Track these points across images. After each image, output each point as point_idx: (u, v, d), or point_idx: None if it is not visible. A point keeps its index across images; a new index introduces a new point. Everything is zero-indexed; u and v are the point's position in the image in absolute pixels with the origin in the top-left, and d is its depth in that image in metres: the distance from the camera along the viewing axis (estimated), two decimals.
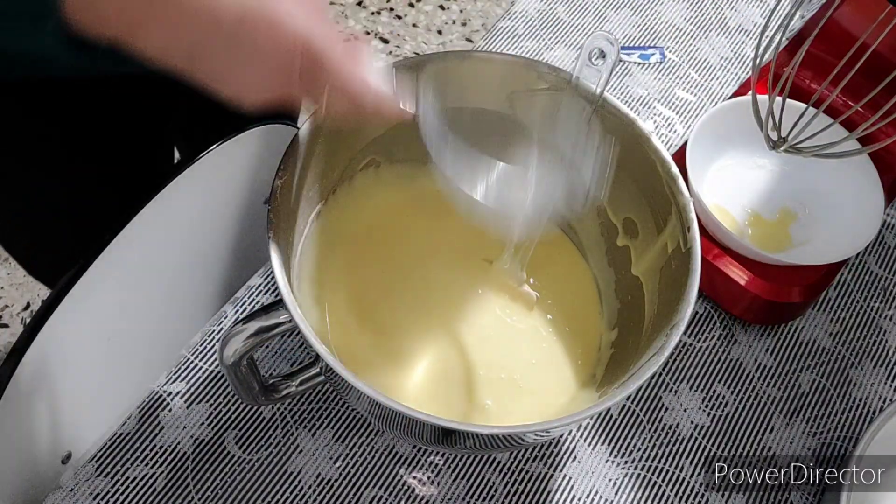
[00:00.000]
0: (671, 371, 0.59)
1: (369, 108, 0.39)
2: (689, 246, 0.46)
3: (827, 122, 0.54)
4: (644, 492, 0.54)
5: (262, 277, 0.60)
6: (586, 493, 0.54)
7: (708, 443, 0.57)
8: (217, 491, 0.51)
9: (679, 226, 0.47)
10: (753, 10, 0.81)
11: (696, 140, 0.61)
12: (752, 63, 0.70)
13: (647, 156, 0.49)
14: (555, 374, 0.53)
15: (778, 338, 0.62)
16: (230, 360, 0.43)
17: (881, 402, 0.60)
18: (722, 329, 0.62)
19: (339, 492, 0.52)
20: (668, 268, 0.48)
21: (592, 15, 0.79)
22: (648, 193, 0.50)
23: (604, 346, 0.54)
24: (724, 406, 0.58)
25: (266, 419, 0.54)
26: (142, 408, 0.54)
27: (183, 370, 0.56)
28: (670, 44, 0.78)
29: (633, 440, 0.56)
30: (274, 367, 0.57)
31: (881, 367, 0.61)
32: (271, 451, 0.53)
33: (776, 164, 0.66)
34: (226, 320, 0.58)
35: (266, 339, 0.42)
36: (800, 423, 0.58)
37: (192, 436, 0.53)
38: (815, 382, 0.60)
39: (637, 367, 0.43)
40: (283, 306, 0.41)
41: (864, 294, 0.65)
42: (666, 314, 0.45)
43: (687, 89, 0.75)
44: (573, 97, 0.49)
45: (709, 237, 0.60)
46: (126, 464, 0.52)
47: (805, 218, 0.64)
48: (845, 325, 0.63)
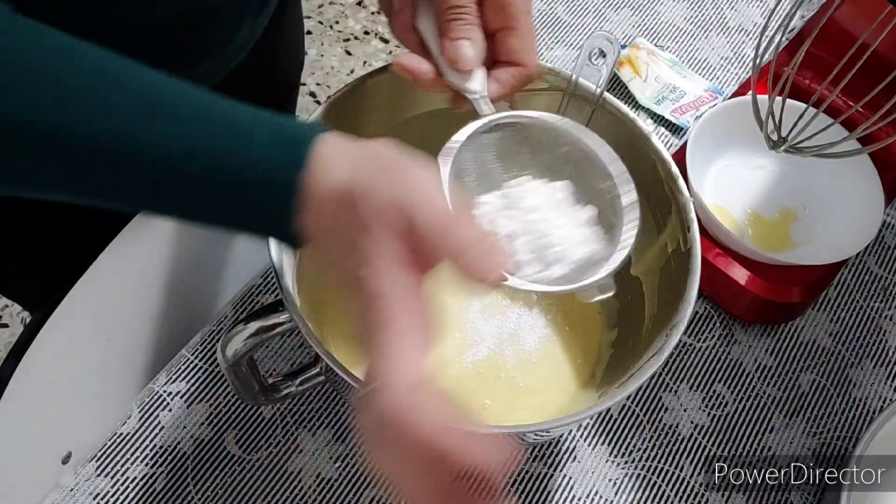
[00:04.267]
0: (671, 371, 0.59)
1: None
2: (689, 246, 0.46)
3: (827, 122, 0.54)
4: (644, 492, 0.54)
5: (262, 277, 0.60)
6: (586, 493, 0.54)
7: (708, 443, 0.57)
8: (217, 491, 0.51)
9: (679, 226, 0.47)
10: (753, 10, 0.81)
11: (696, 140, 0.61)
12: (752, 63, 0.70)
13: (647, 156, 0.49)
14: (555, 374, 0.53)
15: (778, 338, 0.62)
16: (230, 360, 0.43)
17: (881, 402, 0.60)
18: (722, 329, 0.62)
19: (339, 492, 0.52)
20: (668, 268, 0.48)
21: (592, 15, 0.79)
22: (648, 193, 0.50)
23: (604, 346, 0.54)
24: (724, 406, 0.58)
25: (266, 419, 0.54)
26: (142, 408, 0.54)
27: (183, 370, 0.56)
28: (670, 44, 0.78)
29: (633, 440, 0.56)
30: (274, 367, 0.57)
31: (881, 367, 0.61)
32: (271, 451, 0.53)
33: (776, 164, 0.66)
34: (226, 320, 0.58)
35: (266, 339, 0.42)
36: (800, 423, 0.58)
37: (192, 436, 0.53)
38: (815, 382, 0.60)
39: (637, 367, 0.43)
40: (283, 306, 0.41)
41: (864, 294, 0.65)
42: (666, 314, 0.45)
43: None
44: (573, 97, 0.49)
45: (709, 237, 0.60)
46: (126, 464, 0.52)
47: (805, 218, 0.64)
48: (845, 325, 0.63)
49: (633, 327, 0.51)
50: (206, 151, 0.31)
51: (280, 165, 0.32)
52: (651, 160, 0.49)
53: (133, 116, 0.31)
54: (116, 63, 0.32)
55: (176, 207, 0.33)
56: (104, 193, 0.33)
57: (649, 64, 0.74)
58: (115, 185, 0.32)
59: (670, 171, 0.48)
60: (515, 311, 0.55)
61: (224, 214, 0.33)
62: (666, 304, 0.47)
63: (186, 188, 0.32)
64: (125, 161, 0.31)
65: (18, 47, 0.30)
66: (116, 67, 0.32)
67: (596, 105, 0.49)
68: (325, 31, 1.77)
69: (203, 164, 0.31)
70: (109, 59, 0.32)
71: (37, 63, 0.30)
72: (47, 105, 0.30)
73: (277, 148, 0.32)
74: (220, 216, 0.34)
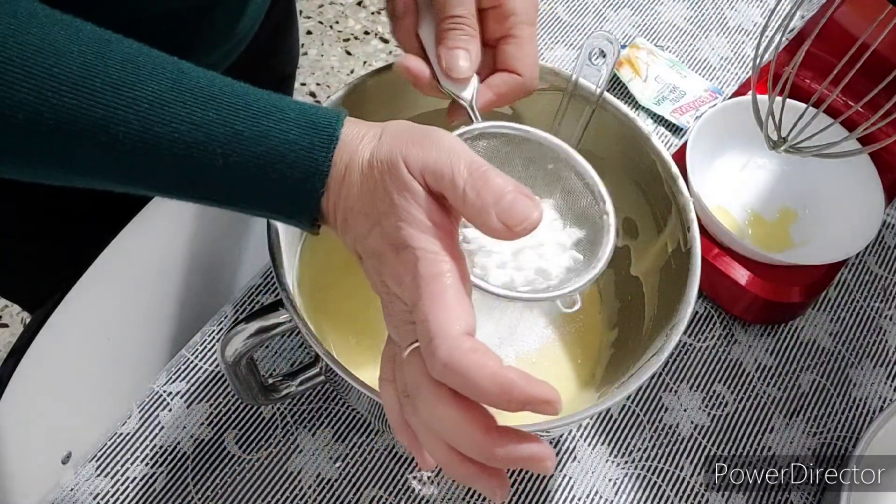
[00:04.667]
0: (671, 371, 0.59)
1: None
2: (689, 246, 0.46)
3: (827, 122, 0.54)
4: (644, 492, 0.54)
5: (262, 277, 0.60)
6: (586, 493, 0.54)
7: (708, 443, 0.57)
8: (217, 491, 0.51)
9: (679, 226, 0.47)
10: (753, 10, 0.81)
11: (696, 140, 0.61)
12: (752, 63, 0.70)
13: (647, 156, 0.49)
14: (555, 374, 0.53)
15: (778, 338, 0.62)
16: (230, 360, 0.43)
17: (881, 402, 0.60)
18: (722, 329, 0.62)
19: (339, 492, 0.52)
20: (668, 268, 0.48)
21: (592, 15, 0.79)
22: (648, 193, 0.50)
23: (604, 346, 0.54)
24: (724, 406, 0.58)
25: (266, 419, 0.54)
26: (142, 408, 0.54)
27: (183, 370, 0.56)
28: (670, 44, 0.78)
29: (633, 440, 0.56)
30: (274, 367, 0.57)
31: (881, 367, 0.61)
32: (271, 451, 0.53)
33: (776, 164, 0.66)
34: (226, 320, 0.58)
35: (266, 339, 0.42)
36: (800, 423, 0.58)
37: (192, 436, 0.53)
38: (815, 382, 0.60)
39: (637, 367, 0.43)
40: (283, 306, 0.41)
41: (864, 294, 0.65)
42: (666, 314, 0.45)
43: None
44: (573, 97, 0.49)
45: (709, 237, 0.60)
46: (126, 464, 0.52)
47: (805, 218, 0.64)
48: (845, 325, 0.63)
49: (633, 327, 0.51)
50: (241, 135, 0.33)
51: (316, 145, 0.33)
52: (651, 160, 0.49)
53: (169, 103, 0.32)
54: (146, 53, 0.33)
55: (208, 190, 0.34)
56: (138, 179, 0.34)
57: (649, 64, 0.74)
58: (150, 170, 0.33)
59: (670, 171, 0.48)
60: (515, 311, 0.55)
61: (255, 196, 0.34)
62: (666, 304, 0.47)
63: (221, 171, 0.33)
64: (162, 146, 0.32)
65: (55, 36, 0.31)
66: (147, 58, 0.33)
67: (596, 105, 0.49)
68: (325, 31, 1.77)
69: (239, 146, 0.33)
70: (139, 50, 0.33)
71: (76, 56, 0.31)
72: (86, 94, 0.31)
73: (310, 129, 0.34)
74: (251, 198, 0.35)
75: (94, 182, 0.34)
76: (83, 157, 0.32)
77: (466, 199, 0.31)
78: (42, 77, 0.30)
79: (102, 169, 0.33)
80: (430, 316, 0.30)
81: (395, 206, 0.32)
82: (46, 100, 0.31)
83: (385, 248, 0.33)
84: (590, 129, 0.49)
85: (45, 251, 0.62)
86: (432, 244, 0.32)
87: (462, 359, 0.29)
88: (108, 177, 0.34)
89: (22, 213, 0.57)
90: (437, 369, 0.29)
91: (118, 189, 0.35)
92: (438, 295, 0.31)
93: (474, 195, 0.31)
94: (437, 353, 0.29)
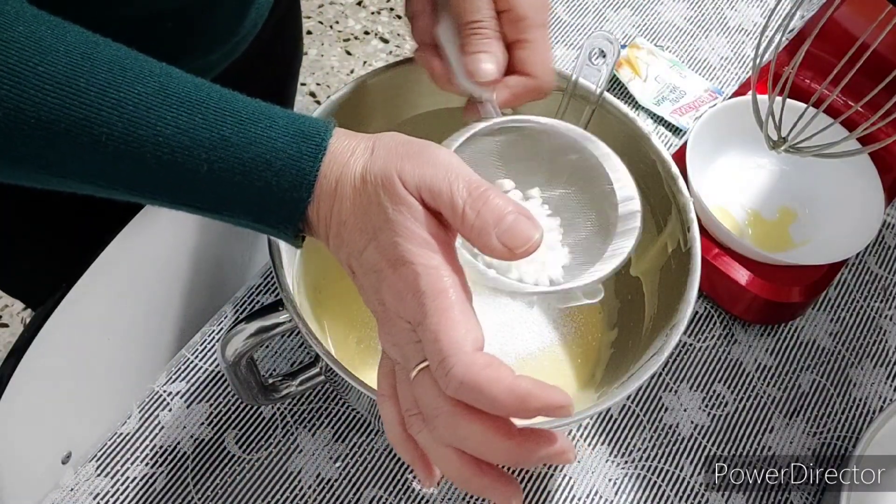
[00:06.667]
0: (671, 371, 0.59)
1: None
2: (689, 246, 0.46)
3: (827, 122, 0.54)
4: (644, 492, 0.54)
5: (262, 277, 0.60)
6: (586, 493, 0.54)
7: (708, 443, 0.57)
8: (217, 491, 0.51)
9: (679, 226, 0.47)
10: (753, 10, 0.81)
11: (696, 140, 0.61)
12: (752, 63, 0.70)
13: (647, 156, 0.49)
14: (554, 374, 0.53)
15: (778, 338, 0.62)
16: (230, 360, 0.43)
17: (881, 402, 0.60)
18: (722, 329, 0.62)
19: (339, 492, 0.52)
20: (668, 268, 0.48)
21: (592, 15, 0.79)
22: (648, 193, 0.50)
23: (604, 346, 0.54)
24: (724, 406, 0.58)
25: (266, 419, 0.54)
26: (142, 408, 0.54)
27: (183, 370, 0.56)
28: (670, 44, 0.78)
29: (633, 440, 0.56)
30: (274, 367, 0.57)
31: (881, 367, 0.61)
32: (271, 451, 0.53)
33: (776, 164, 0.66)
34: (226, 320, 0.58)
35: (266, 339, 0.42)
36: (800, 423, 0.58)
37: (192, 436, 0.53)
38: (815, 382, 0.60)
39: (637, 367, 0.43)
40: (283, 306, 0.41)
41: (864, 294, 0.65)
42: (666, 314, 0.45)
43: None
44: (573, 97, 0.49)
45: (709, 237, 0.60)
46: (126, 464, 0.52)
47: (805, 218, 0.64)
48: (845, 325, 0.63)
49: (633, 327, 0.51)
50: (228, 140, 0.32)
51: (304, 154, 0.33)
52: (651, 160, 0.49)
53: (155, 107, 0.32)
54: (133, 57, 0.33)
55: (192, 197, 0.34)
56: (121, 184, 0.34)
57: (649, 64, 0.74)
58: (133, 174, 0.33)
59: (670, 171, 0.48)
60: (515, 311, 0.55)
61: (240, 204, 0.34)
62: (666, 304, 0.47)
63: (206, 177, 0.33)
64: (146, 150, 0.32)
65: (41, 35, 0.31)
66: (134, 62, 0.33)
67: (596, 105, 0.49)
68: (325, 31, 1.77)
69: (225, 153, 0.32)
70: (127, 53, 0.33)
71: (62, 55, 0.31)
72: (70, 93, 0.31)
73: (298, 138, 0.33)
74: (236, 206, 0.34)
75: (76, 186, 0.34)
76: (64, 158, 0.32)
77: (466, 220, 0.31)
78: (26, 74, 0.30)
79: (84, 172, 0.33)
80: (439, 335, 0.30)
81: (391, 221, 0.32)
82: (29, 97, 0.30)
83: (382, 264, 0.32)
84: (590, 130, 0.49)
85: (46, 250, 0.62)
86: (431, 259, 0.31)
87: (478, 376, 0.29)
88: (90, 180, 0.33)
89: (22, 212, 0.57)
90: (452, 388, 0.29)
91: (100, 194, 0.34)
92: (445, 312, 0.30)
93: (474, 215, 0.31)
94: (453, 373, 0.29)
